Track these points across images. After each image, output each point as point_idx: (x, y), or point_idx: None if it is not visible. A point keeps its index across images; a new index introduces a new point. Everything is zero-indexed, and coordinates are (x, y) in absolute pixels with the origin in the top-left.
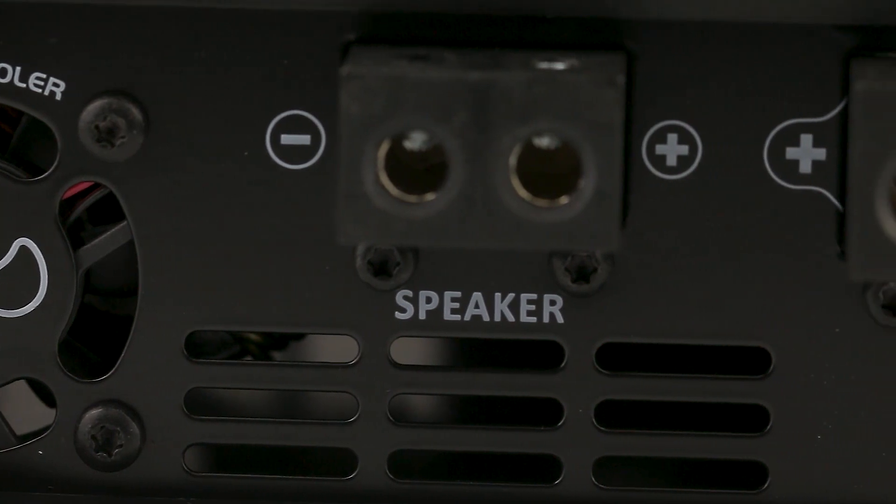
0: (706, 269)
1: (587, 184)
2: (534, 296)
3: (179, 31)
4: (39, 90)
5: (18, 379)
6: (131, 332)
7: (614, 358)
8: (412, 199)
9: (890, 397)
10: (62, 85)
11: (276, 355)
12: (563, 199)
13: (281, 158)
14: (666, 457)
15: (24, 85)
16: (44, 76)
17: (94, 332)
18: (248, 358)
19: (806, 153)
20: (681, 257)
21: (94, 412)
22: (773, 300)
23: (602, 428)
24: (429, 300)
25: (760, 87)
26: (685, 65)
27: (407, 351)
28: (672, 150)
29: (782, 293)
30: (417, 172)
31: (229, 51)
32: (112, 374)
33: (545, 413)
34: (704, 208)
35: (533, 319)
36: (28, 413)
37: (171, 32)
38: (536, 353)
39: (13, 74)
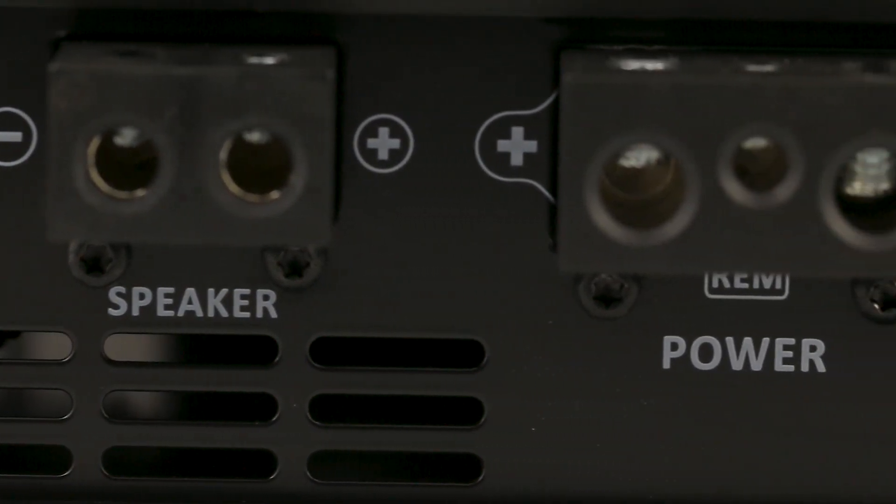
0: (419, 262)
1: (298, 179)
2: (247, 291)
3: None
4: None
5: None
6: None
7: (337, 353)
8: (123, 195)
9: (603, 389)
10: None
11: None
12: (274, 195)
13: None
14: (380, 450)
15: None
16: None
17: None
18: None
19: (517, 146)
20: (393, 251)
21: None
22: (485, 293)
23: (316, 422)
24: (142, 296)
25: (471, 81)
26: (396, 58)
27: (134, 348)
28: (384, 143)
29: (495, 286)
30: (129, 169)
31: None
32: None
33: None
34: (417, 202)
35: (247, 314)
36: None
37: None
38: (255, 348)
39: None
